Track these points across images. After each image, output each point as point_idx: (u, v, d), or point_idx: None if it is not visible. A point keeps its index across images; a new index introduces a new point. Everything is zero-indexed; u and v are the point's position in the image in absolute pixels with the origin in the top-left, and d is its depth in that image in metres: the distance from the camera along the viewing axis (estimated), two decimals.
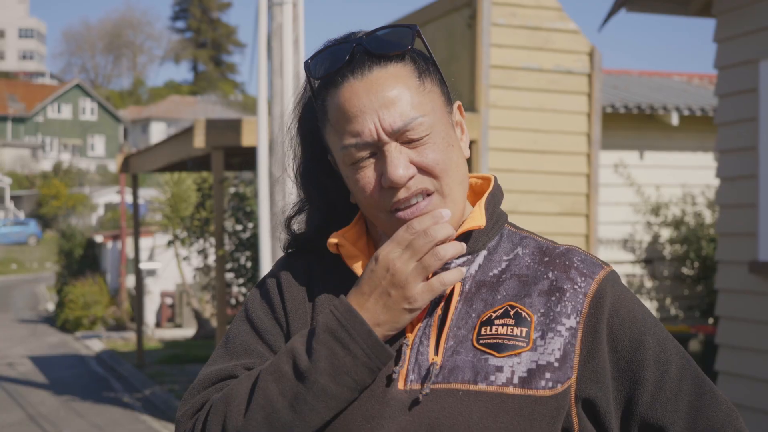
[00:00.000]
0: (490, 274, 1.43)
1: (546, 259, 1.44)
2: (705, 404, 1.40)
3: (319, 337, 1.33)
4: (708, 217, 11.07)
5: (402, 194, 1.36)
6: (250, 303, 1.52)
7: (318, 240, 1.52)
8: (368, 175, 1.38)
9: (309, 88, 1.47)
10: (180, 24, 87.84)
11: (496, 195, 1.50)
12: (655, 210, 11.04)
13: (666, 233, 11.19)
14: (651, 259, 11.21)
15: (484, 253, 1.45)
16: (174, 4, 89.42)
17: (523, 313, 1.37)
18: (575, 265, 1.42)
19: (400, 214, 1.37)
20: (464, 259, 1.43)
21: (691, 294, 11.25)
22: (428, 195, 1.38)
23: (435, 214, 1.34)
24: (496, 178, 1.53)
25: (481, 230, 1.45)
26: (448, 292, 1.40)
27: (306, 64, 1.44)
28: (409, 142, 1.36)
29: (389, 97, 1.36)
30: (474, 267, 1.43)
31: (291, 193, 1.60)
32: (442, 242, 1.34)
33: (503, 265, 1.44)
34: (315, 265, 1.52)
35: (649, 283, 11.17)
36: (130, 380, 12.97)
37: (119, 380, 13.19)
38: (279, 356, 1.36)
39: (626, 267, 11.09)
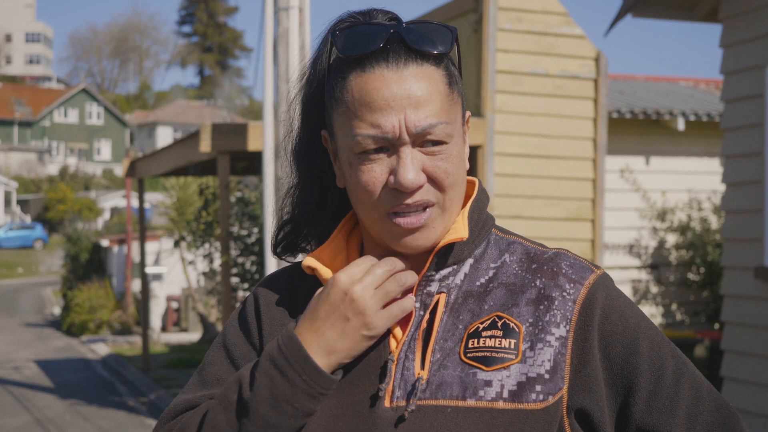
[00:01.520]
0: (477, 283, 1.38)
1: (534, 266, 1.38)
2: (703, 409, 1.35)
3: (261, 366, 1.31)
4: (714, 222, 11.06)
5: (406, 199, 1.31)
6: (228, 328, 1.48)
7: (306, 228, 1.48)
8: (375, 170, 1.32)
9: (324, 59, 1.39)
10: (186, 28, 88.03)
11: (481, 201, 1.45)
12: (661, 215, 11.03)
13: (672, 238, 11.18)
14: (657, 264, 11.20)
15: (470, 261, 1.40)
16: (180, 9, 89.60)
17: (511, 324, 1.32)
18: (563, 270, 1.37)
19: (399, 220, 1.32)
20: (450, 269, 1.39)
21: (696, 299, 11.23)
22: (429, 206, 1.33)
23: (397, 275, 1.33)
24: (480, 182, 1.47)
25: (469, 239, 1.40)
26: (432, 304, 1.36)
27: (333, 33, 1.35)
28: (425, 147, 1.32)
29: (420, 97, 1.30)
30: (459, 277, 1.38)
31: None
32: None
33: (490, 273, 1.39)
34: (297, 284, 1.47)
35: (654, 289, 11.16)
36: (136, 384, 12.98)
37: (125, 384, 13.20)
38: (229, 385, 1.34)
39: (632, 272, 11.07)
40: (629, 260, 11.09)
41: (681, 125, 10.92)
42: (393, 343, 1.36)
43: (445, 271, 1.39)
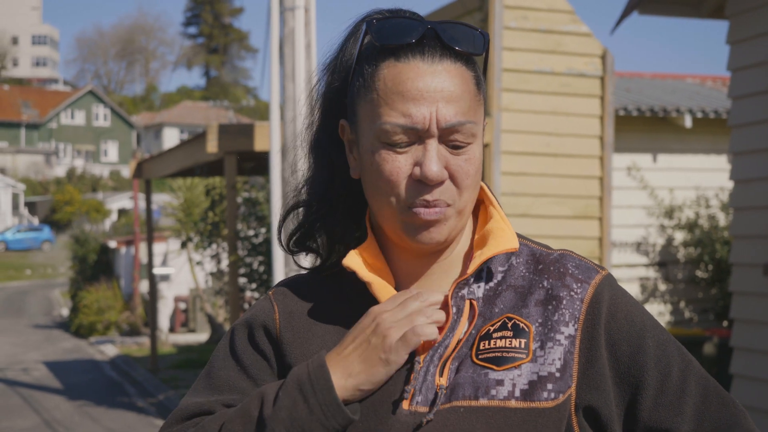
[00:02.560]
0: (487, 287, 1.39)
1: (540, 266, 1.39)
2: (711, 406, 1.36)
3: (287, 387, 1.31)
4: (722, 219, 11.03)
5: (428, 196, 1.31)
6: (236, 336, 1.47)
7: (319, 221, 1.46)
8: (399, 159, 1.31)
9: (353, 47, 1.39)
10: (192, 30, 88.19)
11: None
12: (669, 213, 11.01)
13: (680, 236, 11.16)
14: (665, 262, 11.17)
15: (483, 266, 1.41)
16: (186, 10, 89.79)
17: (521, 324, 1.33)
18: (570, 271, 1.38)
19: (419, 210, 1.31)
20: (473, 276, 1.40)
21: (705, 297, 11.21)
22: (447, 206, 1.33)
23: (425, 309, 1.33)
24: (486, 186, 1.46)
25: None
26: (467, 311, 1.36)
27: (369, 22, 1.35)
28: (451, 145, 1.31)
29: (453, 92, 1.31)
30: (480, 282, 1.40)
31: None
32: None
33: (498, 276, 1.40)
34: (319, 289, 1.46)
35: (663, 287, 11.13)
36: (144, 385, 13.00)
37: (133, 385, 13.22)
38: (251, 399, 1.34)
39: (640, 270, 11.06)
40: (637, 258, 11.07)
41: (688, 122, 10.90)
42: (420, 350, 1.35)
43: (470, 278, 1.39)
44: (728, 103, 9.59)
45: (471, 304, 1.37)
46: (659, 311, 11.01)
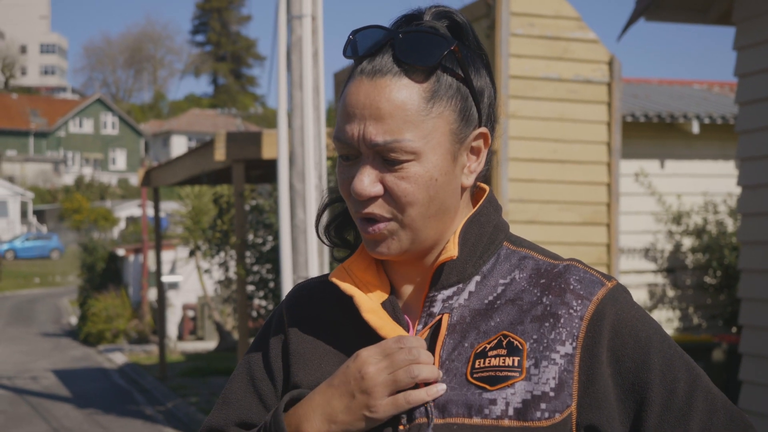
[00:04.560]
0: (485, 301, 1.37)
1: (542, 281, 1.37)
2: (717, 422, 1.33)
3: None
4: (730, 225, 11.01)
5: (362, 208, 1.34)
6: (253, 344, 1.51)
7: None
8: (345, 172, 1.35)
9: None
10: (200, 38, 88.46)
11: (483, 214, 1.42)
12: (677, 219, 10.99)
13: (688, 242, 11.14)
14: (673, 268, 11.15)
15: (477, 278, 1.39)
16: (194, 18, 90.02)
17: (515, 342, 1.32)
18: (571, 286, 1.35)
19: (363, 224, 1.35)
20: (454, 288, 1.38)
21: (713, 303, 11.19)
22: (385, 221, 1.34)
23: (412, 366, 1.31)
24: (490, 192, 1.44)
25: (470, 256, 1.39)
26: (432, 323, 1.36)
27: (350, 37, 1.37)
28: (387, 161, 1.32)
29: (383, 110, 1.30)
30: (464, 296, 1.38)
31: (311, 206, 1.57)
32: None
33: (498, 290, 1.38)
34: (324, 297, 1.48)
35: (671, 293, 11.12)
36: (153, 393, 13.02)
37: (142, 393, 13.23)
38: None
39: (648, 276, 11.04)
40: (645, 264, 11.06)
41: (695, 128, 10.89)
42: None
43: (449, 291, 1.38)
44: (735, 108, 9.57)
45: (440, 319, 1.36)
46: (667, 317, 10.99)
